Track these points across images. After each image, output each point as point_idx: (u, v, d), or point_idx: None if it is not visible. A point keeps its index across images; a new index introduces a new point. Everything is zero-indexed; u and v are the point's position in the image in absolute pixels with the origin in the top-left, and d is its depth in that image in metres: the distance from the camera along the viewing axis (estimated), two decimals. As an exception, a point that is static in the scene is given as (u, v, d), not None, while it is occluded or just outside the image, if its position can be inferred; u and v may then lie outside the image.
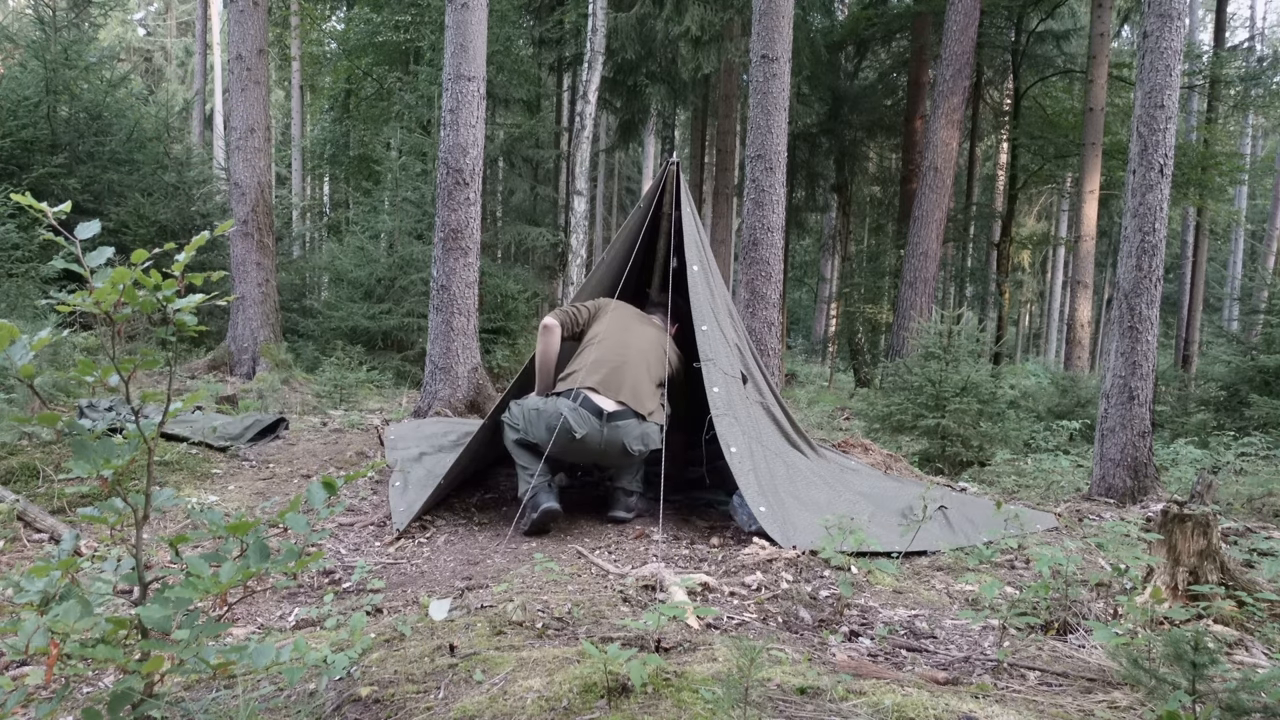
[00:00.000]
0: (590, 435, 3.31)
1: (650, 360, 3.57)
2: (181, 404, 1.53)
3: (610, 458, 3.41)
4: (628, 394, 3.38)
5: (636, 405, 3.37)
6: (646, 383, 3.49)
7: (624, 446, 3.33)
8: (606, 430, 3.31)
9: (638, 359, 3.51)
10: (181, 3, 33.52)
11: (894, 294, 13.09)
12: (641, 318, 3.79)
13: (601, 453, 3.37)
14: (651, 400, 3.47)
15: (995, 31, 14.01)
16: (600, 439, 3.31)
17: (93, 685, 2.02)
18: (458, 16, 5.79)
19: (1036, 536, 3.49)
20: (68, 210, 1.49)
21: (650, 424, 3.42)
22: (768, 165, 6.01)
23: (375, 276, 10.80)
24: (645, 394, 3.45)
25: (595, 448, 3.34)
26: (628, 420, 3.34)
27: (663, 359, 3.63)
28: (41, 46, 10.36)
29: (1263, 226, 21.03)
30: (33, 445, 4.11)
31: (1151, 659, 1.86)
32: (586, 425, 3.31)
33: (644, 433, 3.38)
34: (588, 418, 3.32)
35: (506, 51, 13.36)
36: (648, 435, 3.39)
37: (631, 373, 3.45)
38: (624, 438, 3.32)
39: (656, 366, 3.58)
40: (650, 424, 3.42)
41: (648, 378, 3.50)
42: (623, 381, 3.40)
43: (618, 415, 3.34)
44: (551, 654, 1.90)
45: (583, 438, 3.30)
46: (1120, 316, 4.77)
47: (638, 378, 3.45)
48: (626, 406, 3.36)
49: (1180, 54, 4.67)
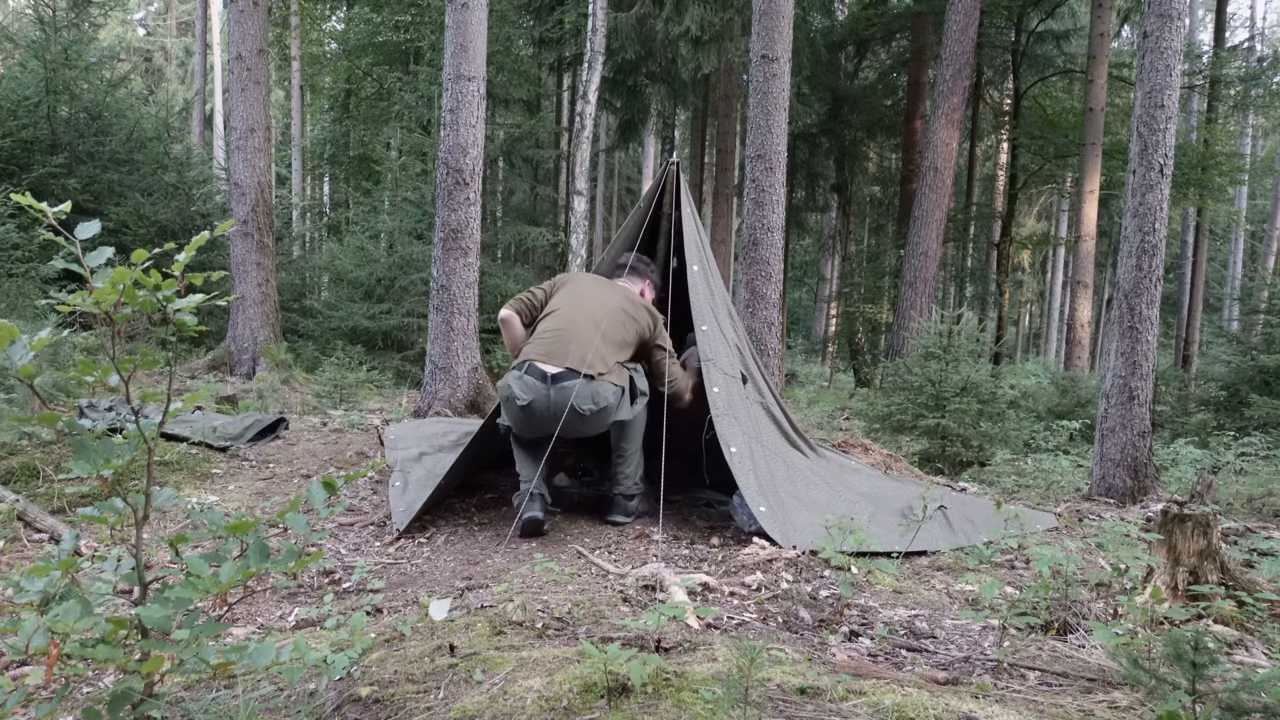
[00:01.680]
0: (536, 400, 3.26)
1: (605, 323, 3.46)
2: (181, 404, 1.53)
3: (570, 424, 3.29)
4: (574, 358, 3.31)
5: (584, 367, 3.28)
6: (599, 345, 3.38)
7: (573, 407, 3.23)
8: (553, 393, 3.25)
9: (587, 323, 3.43)
10: (181, 3, 33.52)
11: (894, 294, 13.10)
12: (602, 283, 3.71)
13: (554, 417, 3.26)
14: (605, 362, 3.36)
15: (995, 31, 14.02)
16: (547, 402, 3.25)
17: (93, 685, 2.02)
18: (458, 16, 5.79)
19: (1036, 536, 3.49)
20: (68, 210, 1.49)
21: (602, 383, 3.31)
22: (768, 165, 6.01)
23: (375, 276, 10.80)
24: (596, 356, 3.35)
25: (544, 412, 3.27)
26: (573, 381, 3.26)
27: (623, 320, 3.51)
28: (41, 46, 10.36)
29: (1263, 226, 21.04)
30: (33, 445, 4.11)
31: (1151, 659, 1.86)
32: (531, 391, 3.27)
33: (593, 392, 3.28)
34: (532, 384, 3.28)
35: (506, 51, 13.36)
36: (598, 394, 3.28)
37: (579, 337, 3.38)
38: (571, 398, 3.23)
39: (616, 329, 3.47)
40: (602, 383, 3.31)
41: (601, 340, 3.40)
42: (568, 346, 3.35)
43: (562, 377, 3.27)
44: (551, 654, 1.90)
45: (529, 404, 3.26)
46: (1120, 316, 4.78)
47: (586, 341, 3.37)
48: (571, 369, 3.29)
49: (1180, 54, 4.67)
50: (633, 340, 3.54)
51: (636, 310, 3.60)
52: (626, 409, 3.44)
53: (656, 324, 3.66)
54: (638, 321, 3.57)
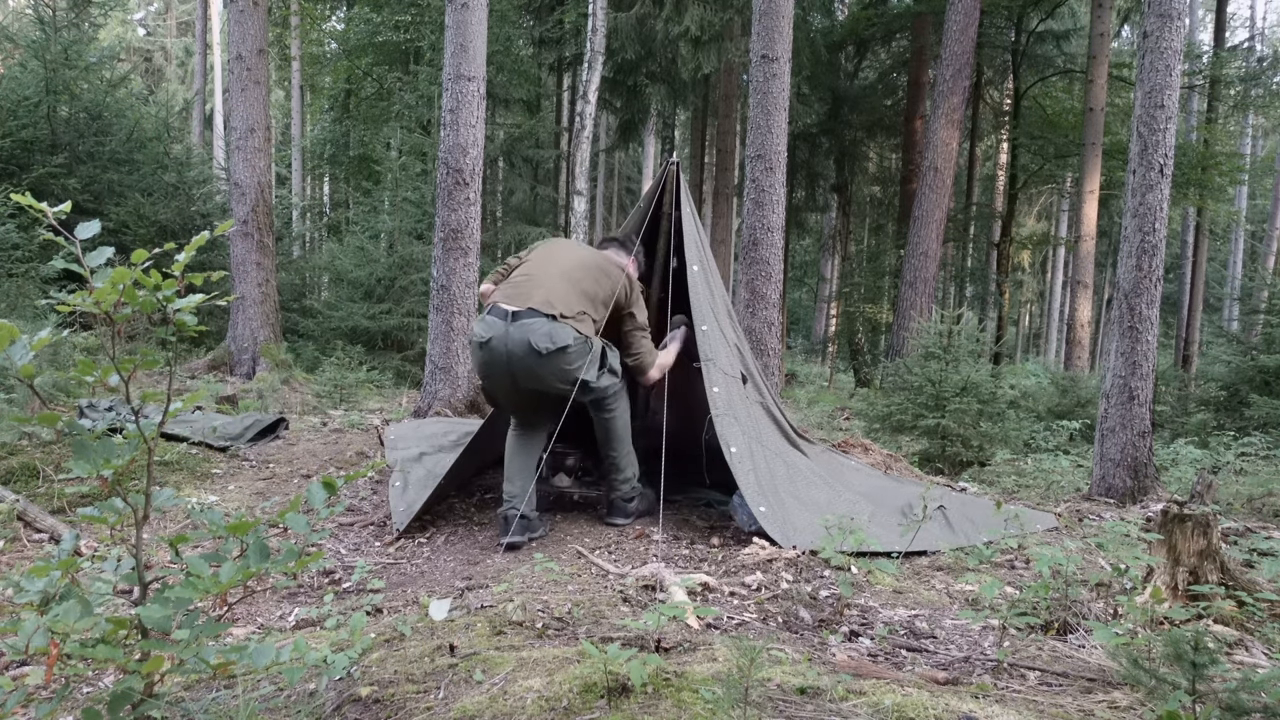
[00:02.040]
0: (495, 338, 3.20)
1: (575, 272, 3.37)
2: (181, 404, 1.53)
3: (527, 367, 3.19)
4: (538, 300, 3.24)
5: (546, 308, 3.21)
6: (565, 289, 3.30)
7: (529, 343, 3.15)
8: (512, 330, 3.17)
9: (554, 272, 3.36)
10: (181, 3, 33.52)
11: (894, 294, 13.09)
12: (580, 245, 3.65)
13: (511, 354, 3.18)
14: (569, 306, 3.27)
15: (995, 31, 14.02)
16: (505, 340, 3.18)
17: (93, 685, 2.02)
18: (458, 16, 5.79)
19: (1036, 536, 3.49)
20: (68, 210, 1.49)
21: (563, 324, 3.22)
22: (768, 165, 6.00)
23: (375, 276, 10.80)
24: (560, 299, 3.26)
25: (502, 351, 3.19)
26: (534, 319, 3.18)
27: (595, 275, 3.41)
28: (41, 46, 10.36)
29: (1263, 226, 21.04)
30: (33, 445, 4.11)
31: (1151, 659, 1.86)
32: (492, 329, 3.22)
33: (552, 330, 3.18)
34: (493, 322, 3.23)
35: (506, 51, 13.37)
36: (556, 333, 3.18)
37: (545, 283, 3.30)
38: (529, 335, 3.15)
39: (585, 279, 3.37)
40: (563, 324, 3.22)
41: (568, 285, 3.31)
42: (532, 291, 3.27)
43: (522, 314, 3.20)
44: (551, 654, 1.90)
45: (488, 341, 3.20)
46: (1120, 316, 4.77)
47: (552, 286, 3.29)
48: (533, 309, 3.21)
49: (1180, 54, 4.67)
50: (604, 297, 3.42)
51: (612, 270, 3.50)
52: (593, 372, 3.29)
53: (634, 292, 3.55)
54: (611, 279, 3.46)
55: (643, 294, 3.70)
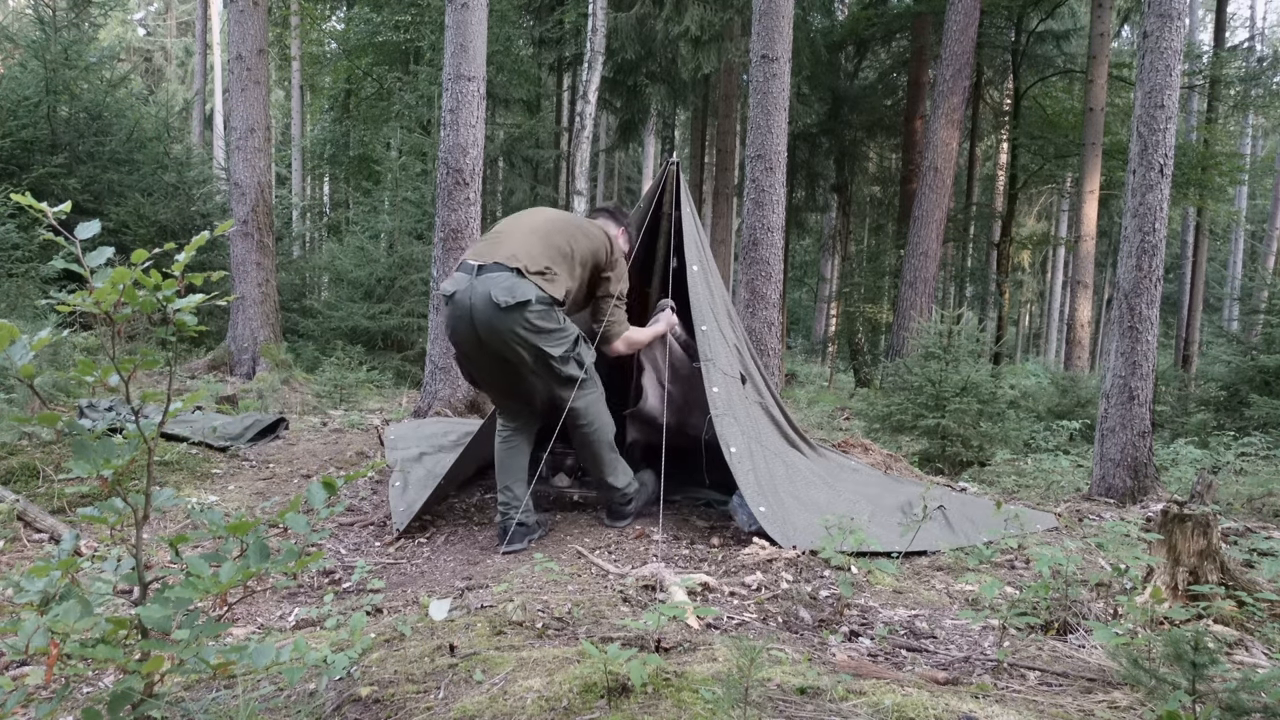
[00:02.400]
0: (460, 293, 3.11)
1: (544, 228, 3.25)
2: (181, 404, 1.53)
3: (486, 323, 3.07)
4: (504, 254, 3.14)
5: (511, 262, 3.10)
6: (533, 246, 3.17)
7: (489, 295, 3.03)
8: (476, 283, 3.08)
9: (524, 228, 3.26)
10: (181, 3, 33.52)
11: (894, 294, 13.10)
12: (558, 210, 3.55)
13: (474, 308, 3.08)
14: (535, 260, 3.14)
15: (995, 31, 14.02)
16: (470, 294, 3.08)
17: (93, 685, 2.02)
18: (458, 16, 5.79)
19: (1036, 536, 3.49)
20: (68, 210, 1.49)
21: (527, 280, 3.07)
22: (768, 165, 6.01)
23: (375, 276, 10.81)
24: (526, 255, 3.14)
25: (467, 305, 3.09)
26: (498, 272, 3.08)
27: (572, 232, 3.28)
28: (41, 46, 10.37)
29: (1263, 226, 21.04)
30: (33, 445, 4.11)
31: (1151, 659, 1.86)
32: (457, 284, 3.14)
33: (513, 285, 3.05)
34: (460, 277, 3.15)
35: (506, 51, 13.37)
36: (517, 287, 3.04)
37: (513, 238, 3.21)
38: (490, 287, 3.05)
39: (558, 235, 3.23)
40: (527, 280, 3.07)
41: (537, 242, 3.18)
42: (499, 247, 3.18)
43: (488, 268, 3.10)
44: (551, 654, 1.90)
45: (453, 295, 3.13)
46: (1120, 316, 4.77)
47: (519, 241, 3.18)
48: (499, 263, 3.11)
49: (1180, 54, 4.67)
50: (581, 256, 3.27)
51: (594, 231, 3.35)
52: (558, 349, 3.14)
53: (615, 256, 3.39)
54: (591, 240, 3.31)
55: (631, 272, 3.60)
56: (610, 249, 3.39)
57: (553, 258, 3.19)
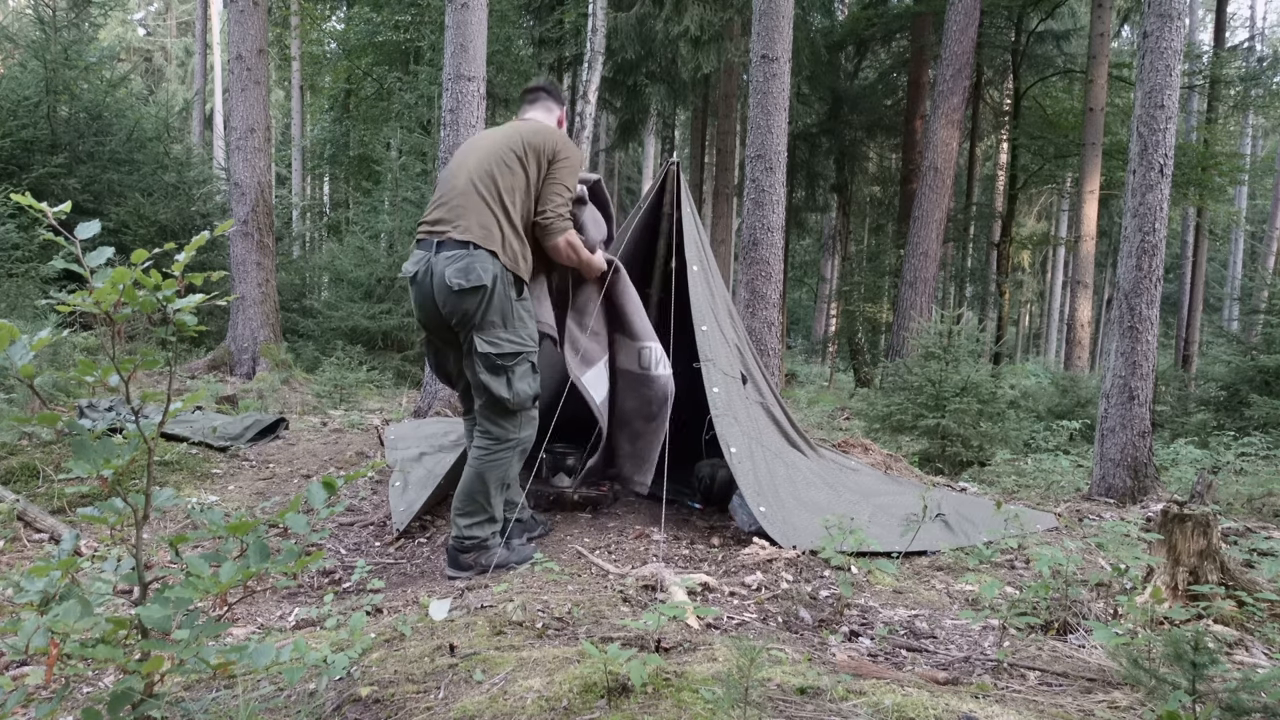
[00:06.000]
0: (420, 273, 2.92)
1: (479, 173, 2.92)
2: (181, 404, 1.53)
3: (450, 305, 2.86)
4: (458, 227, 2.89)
5: (463, 234, 2.86)
6: (474, 204, 2.89)
7: (444, 278, 2.83)
8: (435, 262, 2.88)
9: (464, 179, 2.94)
10: (181, 3, 33.52)
11: (894, 294, 13.09)
12: (493, 132, 3.13)
13: (432, 287, 2.88)
14: (483, 225, 2.86)
15: (995, 31, 14.02)
16: (429, 274, 2.88)
17: (93, 685, 2.02)
18: (458, 16, 5.79)
19: (1036, 536, 3.49)
20: (68, 210, 1.49)
21: (480, 255, 2.82)
22: (768, 165, 6.00)
23: (375, 276, 10.81)
24: (473, 218, 2.87)
25: (426, 288, 2.90)
26: (452, 250, 2.86)
27: (504, 161, 2.92)
28: (41, 46, 10.36)
29: (1263, 226, 21.04)
30: (33, 445, 4.11)
31: (1151, 659, 1.86)
32: (416, 264, 2.96)
33: (467, 265, 2.80)
34: (420, 255, 2.96)
35: (506, 51, 13.37)
36: (470, 268, 2.79)
37: (456, 199, 2.94)
38: (444, 267, 2.85)
39: (502, 172, 2.91)
40: (480, 255, 2.82)
41: (478, 198, 2.89)
42: (447, 212, 2.94)
43: (445, 245, 2.88)
44: (551, 654, 1.90)
45: (415, 276, 2.94)
46: (1120, 316, 4.77)
47: (462, 201, 2.95)
48: (455, 239, 2.87)
49: (1180, 54, 4.67)
50: (521, 184, 2.94)
51: (528, 140, 2.96)
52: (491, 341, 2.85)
53: (558, 146, 2.99)
54: (530, 151, 2.94)
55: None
56: (551, 144, 3.00)
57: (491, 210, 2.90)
